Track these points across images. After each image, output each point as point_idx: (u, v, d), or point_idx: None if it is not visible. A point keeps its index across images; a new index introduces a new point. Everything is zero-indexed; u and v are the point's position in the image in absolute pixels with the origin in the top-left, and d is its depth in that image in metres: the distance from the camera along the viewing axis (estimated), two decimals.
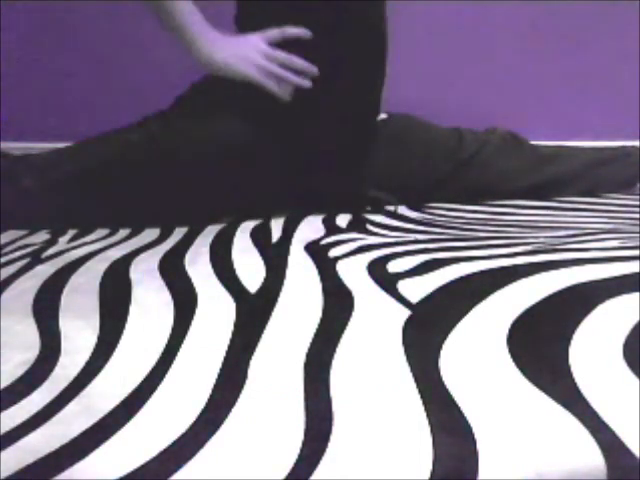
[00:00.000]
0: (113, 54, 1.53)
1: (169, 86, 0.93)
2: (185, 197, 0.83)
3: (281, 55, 0.80)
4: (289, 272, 0.59)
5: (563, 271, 0.55)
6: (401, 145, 0.95)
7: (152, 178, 0.80)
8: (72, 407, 0.35)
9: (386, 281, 0.55)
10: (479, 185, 0.96)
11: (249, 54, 0.80)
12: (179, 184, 0.82)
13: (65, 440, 0.31)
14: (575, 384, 0.35)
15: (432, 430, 0.31)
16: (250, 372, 0.38)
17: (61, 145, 0.88)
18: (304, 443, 0.31)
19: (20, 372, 0.39)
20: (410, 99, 1.27)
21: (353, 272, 0.58)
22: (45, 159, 0.84)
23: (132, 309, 0.50)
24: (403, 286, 0.53)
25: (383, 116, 0.98)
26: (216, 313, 0.48)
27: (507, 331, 0.43)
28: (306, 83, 0.81)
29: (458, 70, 1.56)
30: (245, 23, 0.89)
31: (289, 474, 0.28)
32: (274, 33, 0.81)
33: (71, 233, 0.79)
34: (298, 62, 0.80)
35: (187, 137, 0.82)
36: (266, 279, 0.57)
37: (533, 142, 1.04)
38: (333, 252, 0.66)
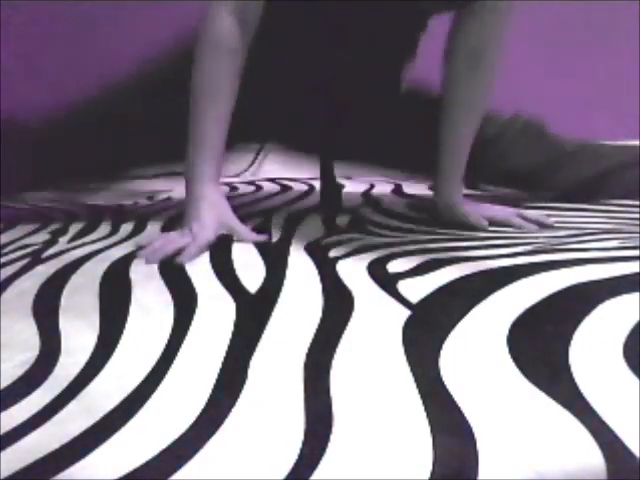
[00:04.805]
0: (115, 53, 1.53)
1: None
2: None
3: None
4: (289, 272, 0.59)
5: (563, 271, 0.55)
6: None
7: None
8: (72, 407, 0.34)
9: (386, 281, 0.55)
10: (496, 171, 0.97)
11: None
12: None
13: (65, 440, 0.31)
14: (575, 384, 0.35)
15: (432, 430, 0.31)
16: (250, 372, 0.38)
17: None
18: (304, 443, 0.31)
19: (20, 372, 0.39)
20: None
21: (353, 272, 0.58)
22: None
23: (132, 309, 0.50)
24: (403, 286, 0.53)
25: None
26: (216, 313, 0.48)
27: (507, 331, 0.43)
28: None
29: None
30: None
31: (289, 474, 0.28)
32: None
33: (71, 233, 0.79)
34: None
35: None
36: (266, 279, 0.57)
37: None
38: (333, 252, 0.66)
